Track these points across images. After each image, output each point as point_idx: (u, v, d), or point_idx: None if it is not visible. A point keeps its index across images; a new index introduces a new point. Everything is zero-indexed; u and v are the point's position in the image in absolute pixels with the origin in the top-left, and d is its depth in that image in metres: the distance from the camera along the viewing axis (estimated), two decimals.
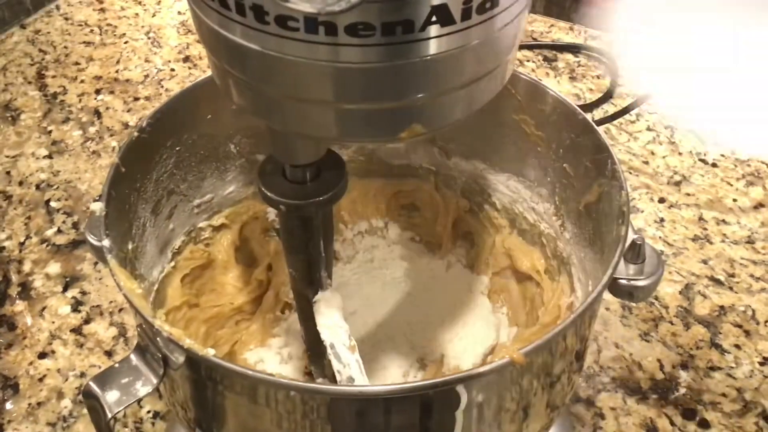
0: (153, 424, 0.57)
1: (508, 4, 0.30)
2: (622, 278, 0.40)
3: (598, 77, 0.93)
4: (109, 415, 0.36)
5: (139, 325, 0.38)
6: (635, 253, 0.40)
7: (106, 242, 0.40)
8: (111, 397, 0.36)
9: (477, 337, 0.55)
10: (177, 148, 0.50)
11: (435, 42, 0.28)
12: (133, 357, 0.38)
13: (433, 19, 0.28)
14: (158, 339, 0.36)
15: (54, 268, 0.70)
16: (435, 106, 0.32)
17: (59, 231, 0.73)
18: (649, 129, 0.85)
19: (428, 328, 0.57)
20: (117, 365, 0.37)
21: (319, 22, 0.27)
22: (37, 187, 0.78)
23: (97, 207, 0.41)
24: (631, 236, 0.40)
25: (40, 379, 0.60)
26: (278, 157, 0.39)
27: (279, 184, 0.39)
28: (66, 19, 1.05)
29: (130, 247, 0.45)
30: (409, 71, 0.29)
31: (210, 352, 0.34)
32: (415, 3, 0.27)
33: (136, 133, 0.46)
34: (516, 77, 0.49)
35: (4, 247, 0.72)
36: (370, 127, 0.32)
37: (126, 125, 0.86)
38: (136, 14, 1.06)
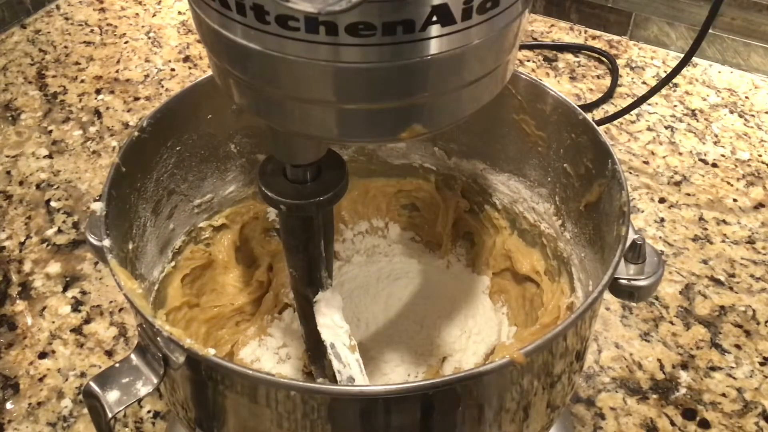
0: (153, 423, 0.57)
1: (508, 4, 0.30)
2: (622, 278, 0.40)
3: (598, 77, 0.93)
4: (110, 415, 0.36)
5: (139, 324, 0.38)
6: (636, 253, 0.40)
7: (106, 242, 0.40)
8: (111, 396, 0.36)
9: (478, 337, 0.55)
10: (177, 148, 0.50)
11: (435, 42, 0.28)
12: (133, 357, 0.38)
13: (434, 18, 0.28)
14: (159, 339, 0.36)
15: (54, 267, 0.70)
16: (436, 106, 0.32)
17: (59, 231, 0.73)
18: (649, 129, 0.85)
19: (429, 328, 0.57)
20: (117, 365, 0.37)
21: (320, 22, 0.27)
22: (38, 186, 0.78)
23: (98, 207, 0.41)
24: (631, 236, 0.40)
25: (41, 379, 0.60)
26: (279, 157, 0.39)
27: (279, 184, 0.39)
28: (66, 18, 1.05)
29: (130, 247, 0.45)
30: (410, 71, 0.29)
31: (210, 352, 0.34)
32: (415, 3, 0.27)
33: (136, 133, 0.46)
34: (516, 77, 0.49)
35: (4, 247, 0.72)
36: (371, 127, 0.32)
37: (126, 125, 0.86)
38: (137, 14, 1.06)
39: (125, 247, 0.44)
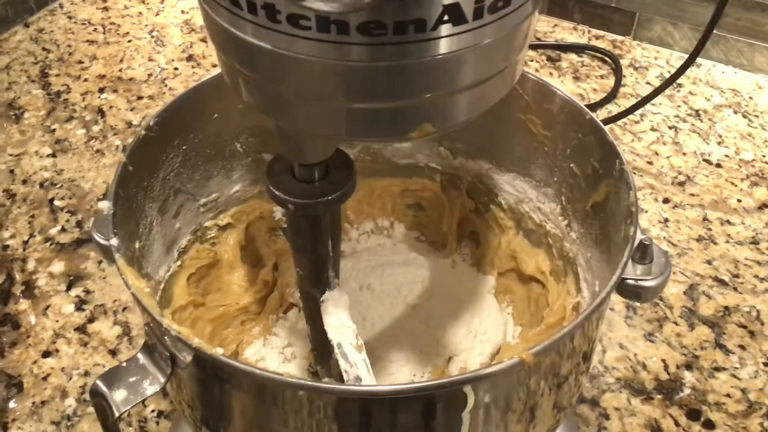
0: (157, 423, 0.57)
1: (519, 4, 0.30)
2: (629, 279, 0.40)
3: (602, 77, 0.93)
4: (117, 414, 0.36)
5: (146, 324, 0.38)
6: (643, 253, 0.40)
7: (113, 241, 0.40)
8: (118, 396, 0.36)
9: (484, 337, 0.55)
10: (183, 147, 0.50)
11: (446, 41, 0.28)
12: (140, 356, 0.38)
13: (445, 18, 0.27)
14: (166, 338, 0.36)
15: (58, 266, 0.70)
16: (445, 106, 0.32)
17: (63, 229, 0.73)
18: (653, 129, 0.85)
19: (435, 328, 0.56)
20: (124, 364, 0.37)
21: (331, 21, 0.27)
22: (41, 185, 0.78)
23: (105, 206, 0.41)
24: (639, 236, 0.40)
25: (44, 378, 0.60)
26: (287, 156, 0.38)
27: (287, 183, 0.39)
28: (69, 17, 1.05)
29: (137, 246, 0.45)
30: (421, 70, 0.29)
31: (219, 351, 0.34)
32: (427, 2, 0.27)
33: (143, 132, 0.46)
34: (523, 77, 0.49)
35: (8, 246, 0.72)
36: (380, 126, 0.32)
37: (129, 124, 0.86)
38: (140, 13, 1.06)
39: (132, 246, 0.44)
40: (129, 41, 1.00)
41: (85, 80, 0.93)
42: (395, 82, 0.29)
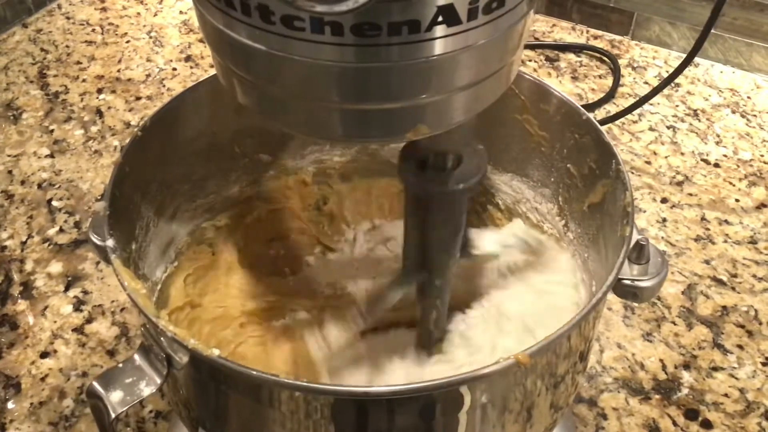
0: (155, 423, 0.57)
1: (514, 4, 0.30)
2: (626, 279, 0.40)
3: (600, 77, 0.93)
4: (113, 415, 0.36)
5: (143, 325, 0.38)
6: (639, 253, 0.40)
7: (109, 242, 0.40)
8: (115, 397, 0.36)
9: None
10: (180, 148, 0.50)
11: (441, 42, 0.28)
12: (136, 357, 0.38)
13: (440, 19, 0.28)
14: (162, 339, 0.36)
15: (56, 267, 0.70)
16: (440, 107, 0.32)
17: (61, 230, 0.73)
18: (651, 129, 0.85)
19: None
20: (121, 365, 0.37)
21: (325, 22, 0.27)
22: (39, 186, 0.78)
23: (101, 207, 0.41)
24: (635, 237, 0.40)
25: (42, 379, 0.60)
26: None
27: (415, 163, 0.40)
28: (68, 18, 1.05)
29: (133, 247, 0.45)
30: (415, 71, 0.29)
31: (215, 353, 0.34)
32: (421, 3, 0.27)
33: (139, 133, 0.46)
34: (520, 77, 0.49)
35: (6, 247, 0.72)
36: (375, 127, 0.32)
37: (128, 124, 0.86)
38: (138, 13, 1.06)
39: (128, 247, 0.44)
40: (127, 42, 1.00)
41: (84, 81, 0.93)
42: (390, 83, 0.29)
